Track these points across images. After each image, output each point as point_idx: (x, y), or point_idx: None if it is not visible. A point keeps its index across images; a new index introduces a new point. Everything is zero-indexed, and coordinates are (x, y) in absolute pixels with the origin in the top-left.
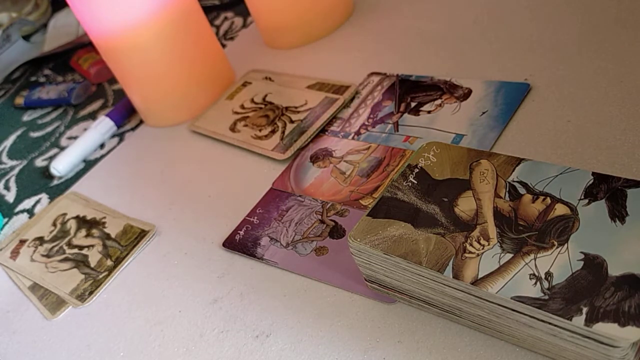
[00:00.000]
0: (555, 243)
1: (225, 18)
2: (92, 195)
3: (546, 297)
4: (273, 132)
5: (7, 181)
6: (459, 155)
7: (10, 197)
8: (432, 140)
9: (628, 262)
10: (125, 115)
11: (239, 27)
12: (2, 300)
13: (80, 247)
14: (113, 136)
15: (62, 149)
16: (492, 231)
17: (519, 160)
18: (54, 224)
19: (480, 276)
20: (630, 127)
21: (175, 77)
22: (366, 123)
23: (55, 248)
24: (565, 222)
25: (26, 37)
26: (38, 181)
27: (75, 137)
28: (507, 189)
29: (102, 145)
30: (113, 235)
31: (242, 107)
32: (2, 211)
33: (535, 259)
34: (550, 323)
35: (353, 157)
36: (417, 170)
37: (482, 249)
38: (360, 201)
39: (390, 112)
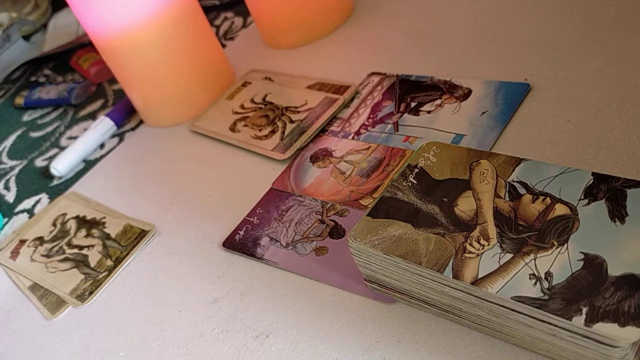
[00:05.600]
0: (555, 243)
1: (225, 18)
2: (92, 195)
3: (546, 297)
4: (273, 132)
5: (7, 181)
6: (458, 155)
7: (10, 197)
8: (432, 140)
9: (628, 262)
10: (125, 115)
11: (239, 27)
12: (2, 300)
13: (80, 247)
14: (113, 136)
15: (62, 149)
16: (492, 231)
17: (519, 160)
18: (54, 224)
19: (480, 276)
20: (630, 127)
21: (175, 77)
22: (366, 123)
23: (55, 248)
24: (565, 222)
25: (26, 37)
26: (38, 181)
27: (75, 137)
28: (507, 189)
29: (102, 145)
30: (113, 235)
31: (242, 107)
32: (2, 211)
33: (535, 259)
34: (550, 323)
35: (353, 157)
36: (417, 170)
37: (482, 249)
38: (360, 201)
39: (390, 112)
